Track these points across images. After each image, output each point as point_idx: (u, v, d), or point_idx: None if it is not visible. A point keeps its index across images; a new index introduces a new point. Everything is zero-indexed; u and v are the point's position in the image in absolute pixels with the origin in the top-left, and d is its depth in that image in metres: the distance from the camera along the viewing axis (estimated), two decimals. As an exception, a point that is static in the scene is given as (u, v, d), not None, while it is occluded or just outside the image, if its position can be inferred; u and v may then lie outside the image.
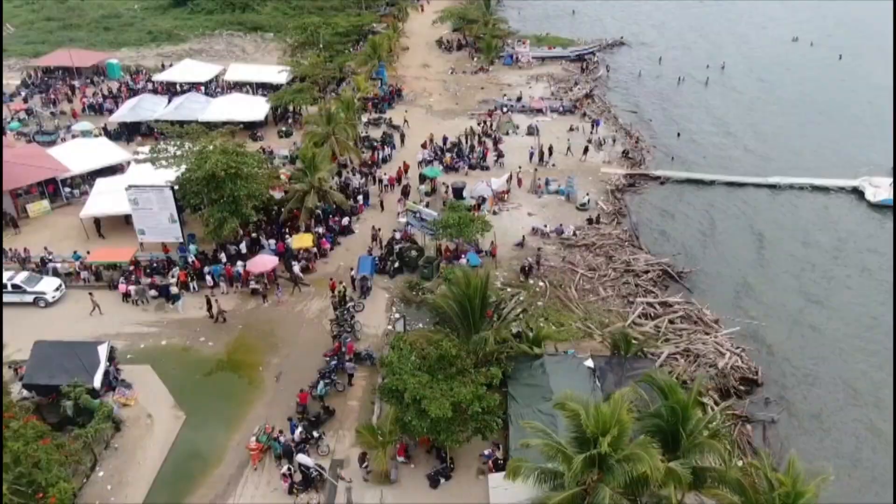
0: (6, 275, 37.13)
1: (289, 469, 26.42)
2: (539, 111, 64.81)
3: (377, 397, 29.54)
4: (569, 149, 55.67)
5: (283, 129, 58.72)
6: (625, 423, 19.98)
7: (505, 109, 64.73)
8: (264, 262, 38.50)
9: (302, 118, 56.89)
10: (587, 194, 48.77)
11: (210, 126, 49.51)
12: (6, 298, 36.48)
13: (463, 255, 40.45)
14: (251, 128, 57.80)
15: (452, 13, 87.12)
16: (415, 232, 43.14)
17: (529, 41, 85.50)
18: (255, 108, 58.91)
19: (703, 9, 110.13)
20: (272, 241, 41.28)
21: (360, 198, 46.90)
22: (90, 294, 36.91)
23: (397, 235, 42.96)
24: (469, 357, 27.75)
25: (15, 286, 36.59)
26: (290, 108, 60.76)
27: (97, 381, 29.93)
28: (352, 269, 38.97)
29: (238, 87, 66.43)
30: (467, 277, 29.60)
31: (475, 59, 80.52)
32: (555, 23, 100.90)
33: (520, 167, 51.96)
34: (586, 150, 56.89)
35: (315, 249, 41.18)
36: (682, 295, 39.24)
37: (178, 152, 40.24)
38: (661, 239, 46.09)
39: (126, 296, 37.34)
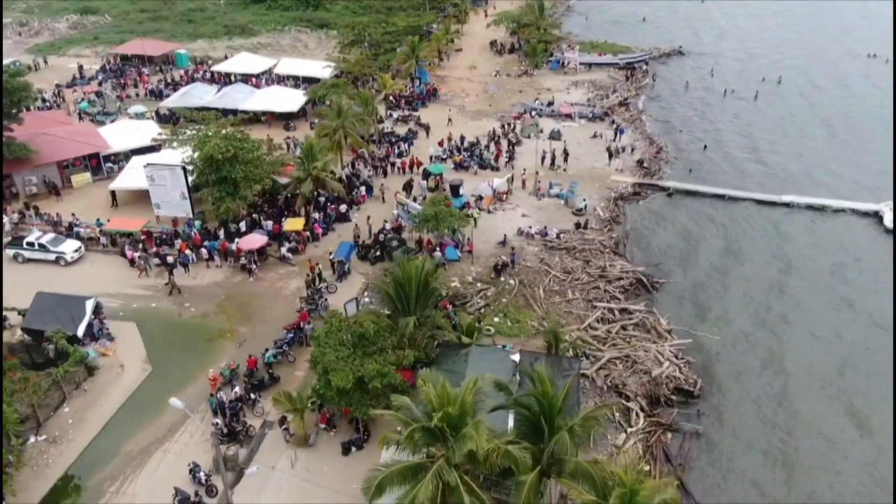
0: (35, 234, 42.43)
1: (216, 423, 29.46)
2: (568, 116, 65.46)
3: (317, 368, 32.13)
4: (565, 152, 56.03)
5: (315, 120, 62.31)
6: (466, 404, 21.56)
7: (534, 113, 65.83)
8: (254, 240, 41.95)
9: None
10: (584, 200, 49.38)
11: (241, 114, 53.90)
12: (33, 256, 41.83)
13: (439, 249, 42.38)
14: (287, 118, 61.93)
15: (506, 16, 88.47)
16: (405, 224, 45.45)
17: (580, 47, 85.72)
18: (292, 100, 62.93)
19: (782, 20, 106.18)
20: (269, 223, 44.70)
21: (362, 188, 49.65)
22: (143, 259, 41.57)
23: (387, 226, 45.39)
24: (390, 338, 29.88)
25: (41, 245, 41.73)
26: (326, 101, 64.26)
27: (80, 331, 34.18)
28: (331, 252, 41.80)
29: (285, 79, 70.94)
30: (403, 265, 31.66)
31: (523, 62, 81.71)
32: (622, 29, 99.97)
33: (524, 169, 53.24)
34: (610, 156, 57.42)
35: (308, 233, 44.30)
36: (646, 304, 39.53)
37: (188, 136, 44.29)
38: (650, 249, 46.16)
39: (132, 262, 41.72)
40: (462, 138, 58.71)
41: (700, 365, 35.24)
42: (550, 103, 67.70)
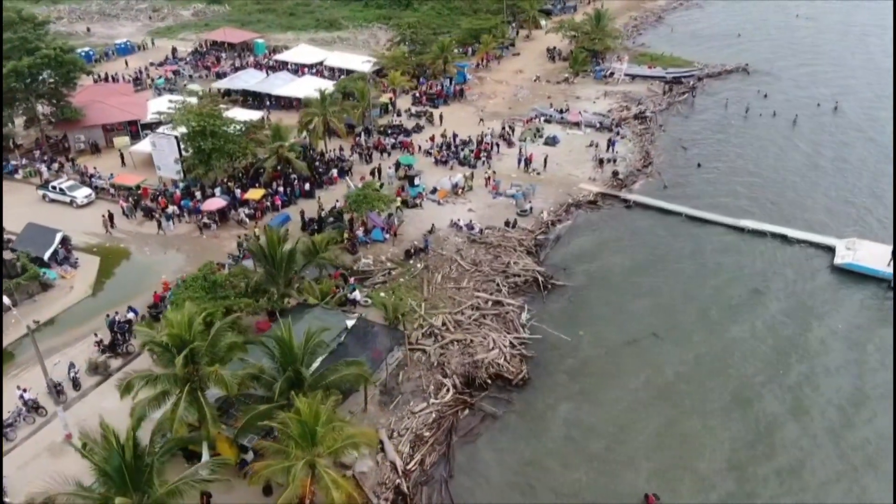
0: (59, 180, 52.73)
1: (95, 334, 36.88)
2: (576, 124, 67.08)
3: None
4: (545, 159, 58.31)
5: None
6: (195, 331, 26.79)
7: (542, 119, 68.07)
8: (215, 202, 49.30)
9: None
10: (529, 202, 51.85)
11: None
12: (55, 197, 51.96)
13: (363, 229, 47.34)
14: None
15: (565, 24, 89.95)
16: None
17: (640, 59, 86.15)
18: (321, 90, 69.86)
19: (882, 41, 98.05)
20: (239, 191, 51.89)
21: (334, 171, 55.53)
22: (129, 209, 50.46)
23: (338, 205, 50.89)
24: (236, 288, 35.66)
25: (60, 189, 51.85)
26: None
27: (46, 256, 43.12)
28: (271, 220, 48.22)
29: (335, 71, 78.52)
30: (270, 234, 37.20)
31: (571, 70, 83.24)
32: (701, 43, 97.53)
33: (488, 167, 56.55)
34: (601, 163, 59.18)
35: (267, 203, 50.99)
36: (526, 300, 41.97)
37: (178, 110, 52.25)
38: (571, 253, 47.81)
39: (123, 209, 50.65)
40: (454, 136, 62.67)
41: (541, 361, 37.39)
42: (562, 110, 69.44)
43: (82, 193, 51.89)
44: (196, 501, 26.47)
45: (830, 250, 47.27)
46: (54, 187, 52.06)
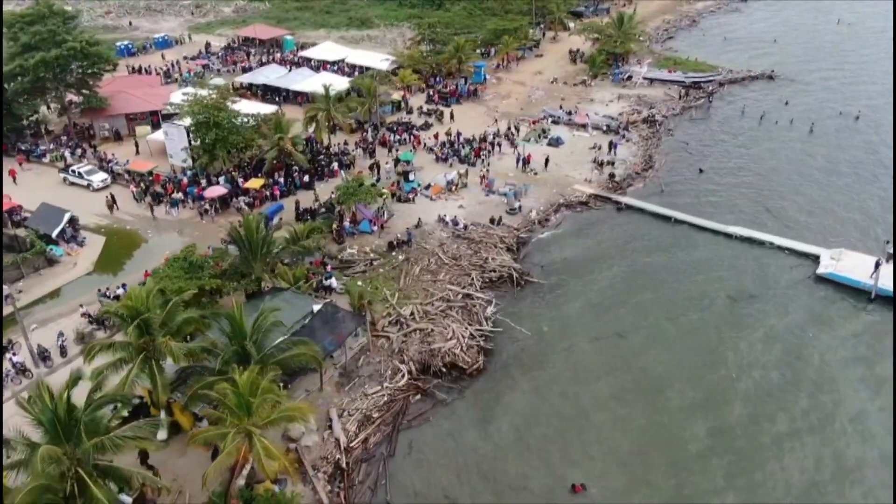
0: (79, 165, 56.34)
1: (81, 306, 39.75)
2: (583, 126, 67.54)
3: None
4: (546, 160, 59.10)
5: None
6: (151, 304, 28.98)
7: (550, 120, 68.75)
8: (216, 190, 51.97)
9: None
10: (519, 201, 52.82)
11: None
12: (74, 180, 55.55)
13: (350, 220, 49.23)
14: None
15: (588, 26, 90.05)
16: (345, 196, 52.66)
17: (661, 62, 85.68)
18: (336, 86, 71.91)
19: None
20: (241, 180, 54.48)
21: (335, 164, 57.61)
22: (138, 194, 53.64)
23: (333, 196, 52.90)
24: (212, 269, 37.96)
25: (79, 173, 55.44)
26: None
27: (54, 233, 46.43)
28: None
29: (351, 68, 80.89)
30: (248, 220, 39.36)
31: (589, 72, 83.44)
32: (731, 48, 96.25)
33: (485, 166, 57.75)
34: (601, 164, 59.76)
35: (266, 192, 53.41)
36: (497, 295, 43.11)
37: (188, 102, 55.14)
38: (554, 251, 48.64)
39: (133, 194, 53.87)
40: (458, 135, 64.00)
41: (499, 353, 38.53)
42: (570, 112, 69.91)
43: (98, 177, 55.34)
44: (133, 459, 28.87)
45: (816, 259, 46.79)
46: (74, 171, 55.69)
